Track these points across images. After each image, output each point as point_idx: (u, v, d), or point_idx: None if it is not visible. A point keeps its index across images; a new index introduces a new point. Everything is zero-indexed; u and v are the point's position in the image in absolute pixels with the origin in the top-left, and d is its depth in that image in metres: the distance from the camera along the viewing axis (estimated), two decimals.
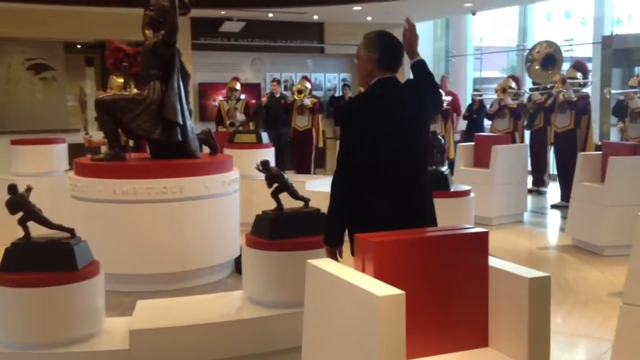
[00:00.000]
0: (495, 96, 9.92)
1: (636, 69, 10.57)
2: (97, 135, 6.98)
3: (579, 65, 8.92)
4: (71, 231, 3.47)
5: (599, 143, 8.38)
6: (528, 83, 10.68)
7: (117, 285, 4.68)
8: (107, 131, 5.21)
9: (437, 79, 13.30)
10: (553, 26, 14.63)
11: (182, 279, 5.03)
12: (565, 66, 9.38)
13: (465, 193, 5.86)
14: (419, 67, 3.10)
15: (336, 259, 2.92)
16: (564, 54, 9.76)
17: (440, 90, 3.37)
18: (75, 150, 6.93)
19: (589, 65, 10.28)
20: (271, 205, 4.00)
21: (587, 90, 8.87)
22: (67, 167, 6.90)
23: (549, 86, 9.31)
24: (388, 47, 2.99)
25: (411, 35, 3.10)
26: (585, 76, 8.85)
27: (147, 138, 5.38)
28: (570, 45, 11.21)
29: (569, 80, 8.50)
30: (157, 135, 5.18)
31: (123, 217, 4.91)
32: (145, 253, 4.92)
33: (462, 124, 11.30)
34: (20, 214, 3.41)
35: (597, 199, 6.11)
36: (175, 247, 4.98)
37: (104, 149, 6.15)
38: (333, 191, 2.92)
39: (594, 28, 11.90)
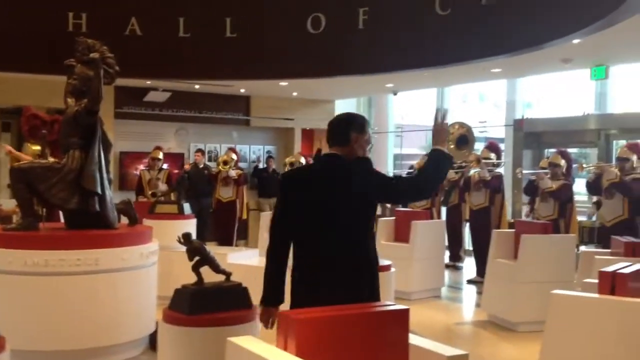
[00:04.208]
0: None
1: (546, 151, 11.19)
2: (8, 204, 6.71)
3: (492, 146, 9.38)
4: None
5: (512, 221, 8.74)
6: None
7: None
8: (21, 200, 5.03)
9: None
10: (469, 108, 15.40)
11: (94, 356, 4.80)
12: (480, 146, 9.84)
13: (386, 268, 5.92)
14: (429, 156, 3.17)
15: (268, 322, 3.07)
16: (479, 135, 10.25)
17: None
18: None
19: (502, 146, 10.82)
20: (191, 278, 3.91)
21: (501, 170, 9.31)
22: None
23: (463, 165, 9.72)
24: (328, 127, 3.21)
25: (435, 125, 3.21)
26: (498, 156, 9.30)
27: (63, 208, 5.22)
28: (484, 126, 11.78)
29: (483, 160, 8.90)
30: (74, 204, 5.04)
31: (33, 290, 4.68)
32: (55, 328, 4.69)
33: None
34: None
35: (510, 276, 6.29)
36: (88, 322, 4.76)
37: (15, 218, 5.90)
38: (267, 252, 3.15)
39: (506, 111, 12.59)
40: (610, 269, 3.50)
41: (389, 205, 10.93)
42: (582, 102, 11.61)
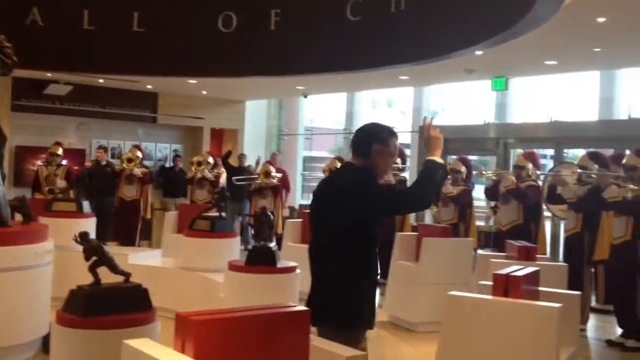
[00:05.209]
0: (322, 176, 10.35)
1: (448, 157, 11.57)
2: None
3: (398, 151, 9.61)
4: None
5: (415, 224, 8.98)
6: None
7: None
8: None
9: (268, 156, 13.49)
10: (377, 113, 15.73)
11: None
12: None
13: (291, 269, 5.90)
14: (423, 167, 3.11)
15: None
16: None
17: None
18: None
19: (408, 152, 11.11)
20: (89, 279, 3.77)
21: (406, 174, 9.54)
22: None
23: None
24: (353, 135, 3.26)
25: (426, 132, 3.14)
26: (403, 161, 9.52)
27: None
28: None
29: None
30: None
31: None
32: None
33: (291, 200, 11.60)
34: None
35: (411, 278, 6.44)
36: None
37: None
38: None
39: (413, 118, 12.94)
40: (504, 271, 3.66)
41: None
42: (484, 112, 12.11)
